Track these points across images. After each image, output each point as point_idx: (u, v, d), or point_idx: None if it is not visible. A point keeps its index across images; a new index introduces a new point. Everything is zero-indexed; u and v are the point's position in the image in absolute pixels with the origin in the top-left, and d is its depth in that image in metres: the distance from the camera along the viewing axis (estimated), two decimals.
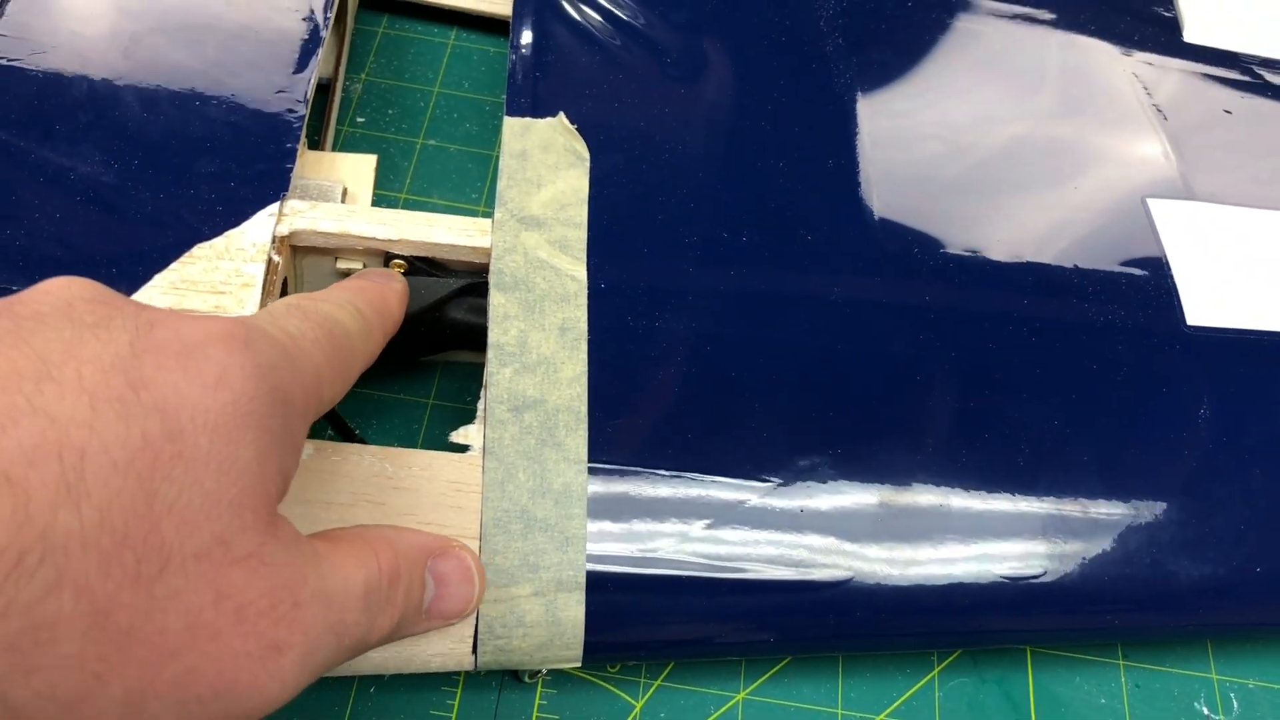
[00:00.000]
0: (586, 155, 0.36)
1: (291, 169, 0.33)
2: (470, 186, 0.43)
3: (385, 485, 0.30)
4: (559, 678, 0.33)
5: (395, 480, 0.30)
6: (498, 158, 0.43)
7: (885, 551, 0.31)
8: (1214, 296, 0.37)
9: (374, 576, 0.24)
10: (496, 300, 0.32)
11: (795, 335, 0.34)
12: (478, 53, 0.47)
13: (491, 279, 0.33)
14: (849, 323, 0.35)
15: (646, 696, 0.33)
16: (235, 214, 0.32)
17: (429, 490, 0.30)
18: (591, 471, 0.31)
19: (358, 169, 0.36)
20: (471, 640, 0.29)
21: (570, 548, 0.30)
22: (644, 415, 0.32)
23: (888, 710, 0.33)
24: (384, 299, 0.30)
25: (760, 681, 0.33)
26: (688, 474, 0.31)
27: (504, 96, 0.37)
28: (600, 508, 0.30)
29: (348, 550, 0.25)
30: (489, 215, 0.34)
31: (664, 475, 0.31)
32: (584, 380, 0.32)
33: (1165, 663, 0.35)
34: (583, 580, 0.30)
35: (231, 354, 0.22)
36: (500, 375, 0.31)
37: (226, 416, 0.21)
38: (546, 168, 0.35)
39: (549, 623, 0.29)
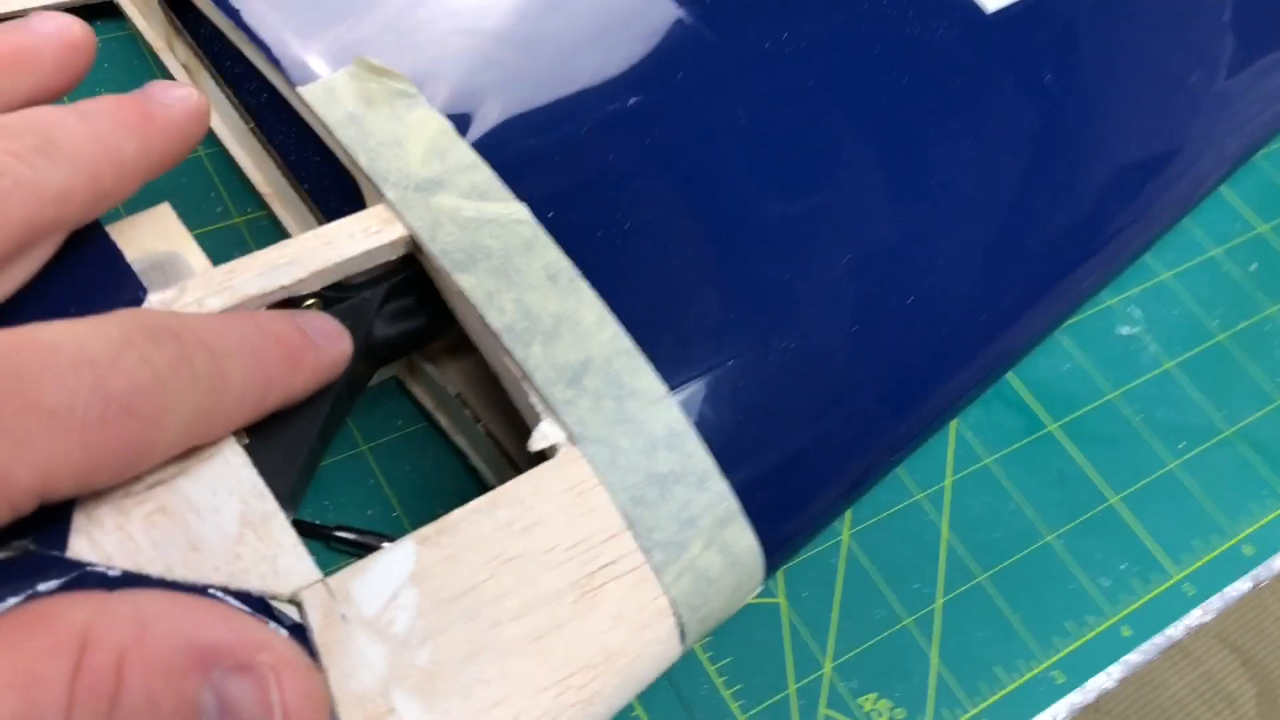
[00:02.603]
0: (413, 87, 0.30)
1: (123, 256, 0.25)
2: (201, 200, 0.35)
3: (511, 535, 0.24)
4: None
5: (519, 523, 0.25)
6: (202, 156, 0.36)
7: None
8: None
9: (44, 704, 0.16)
10: (466, 283, 0.27)
11: (746, 153, 0.32)
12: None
13: (443, 264, 0.27)
14: (770, 125, 0.33)
15: (780, 587, 0.31)
16: None
17: (555, 511, 0.25)
18: (677, 395, 0.27)
19: (163, 228, 0.27)
20: (676, 628, 0.26)
21: (709, 481, 0.27)
22: (682, 308, 0.29)
23: (948, 474, 0.34)
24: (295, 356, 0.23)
25: (856, 524, 0.33)
26: (750, 322, 0.29)
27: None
28: (707, 424, 0.27)
29: (2, 662, 0.16)
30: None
31: (734, 346, 0.29)
32: (609, 315, 0.28)
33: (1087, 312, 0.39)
34: (736, 505, 0.27)
35: None
36: (532, 356, 0.26)
37: None
38: (390, 121, 0.29)
39: (731, 565, 0.27)
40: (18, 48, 0.23)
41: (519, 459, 0.29)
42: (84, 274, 0.24)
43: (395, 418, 0.32)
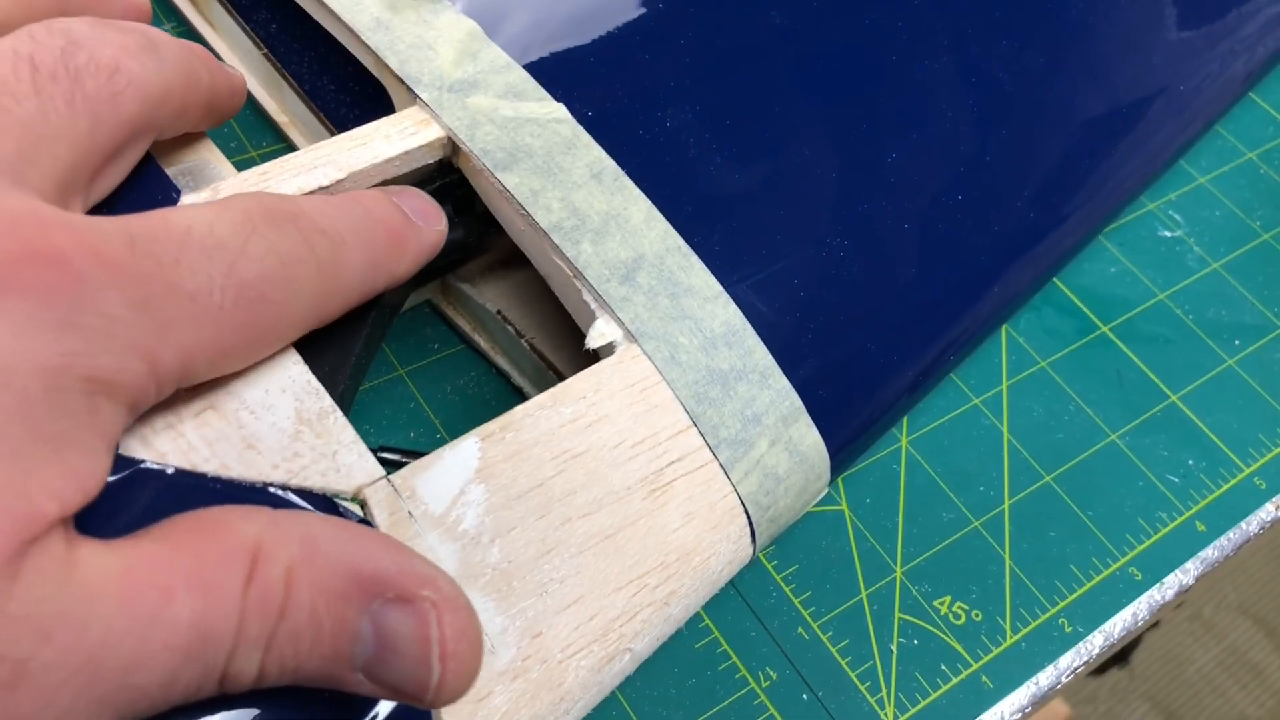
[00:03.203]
0: None
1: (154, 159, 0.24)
2: (214, 135, 0.33)
3: (576, 430, 0.23)
4: None
5: (583, 419, 0.23)
6: None
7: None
8: None
9: (220, 608, 0.16)
10: (510, 181, 0.26)
11: (786, 49, 0.31)
12: None
13: (484, 163, 0.26)
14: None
15: (842, 495, 0.30)
16: None
17: (618, 407, 0.24)
18: (732, 293, 0.26)
19: (187, 138, 0.26)
20: (747, 527, 0.25)
21: (770, 378, 0.26)
22: (731, 207, 0.28)
23: (1004, 378, 0.33)
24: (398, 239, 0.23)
25: (913, 431, 0.32)
26: (800, 219, 0.28)
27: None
28: (764, 322, 0.26)
29: (180, 566, 0.16)
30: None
31: (786, 244, 0.28)
32: (656, 213, 0.26)
33: (1128, 217, 0.38)
34: (799, 402, 0.26)
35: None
36: (583, 254, 0.25)
37: None
38: (417, 25, 0.28)
39: (797, 463, 0.26)
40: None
41: (567, 371, 0.28)
42: None
43: (431, 342, 0.31)
